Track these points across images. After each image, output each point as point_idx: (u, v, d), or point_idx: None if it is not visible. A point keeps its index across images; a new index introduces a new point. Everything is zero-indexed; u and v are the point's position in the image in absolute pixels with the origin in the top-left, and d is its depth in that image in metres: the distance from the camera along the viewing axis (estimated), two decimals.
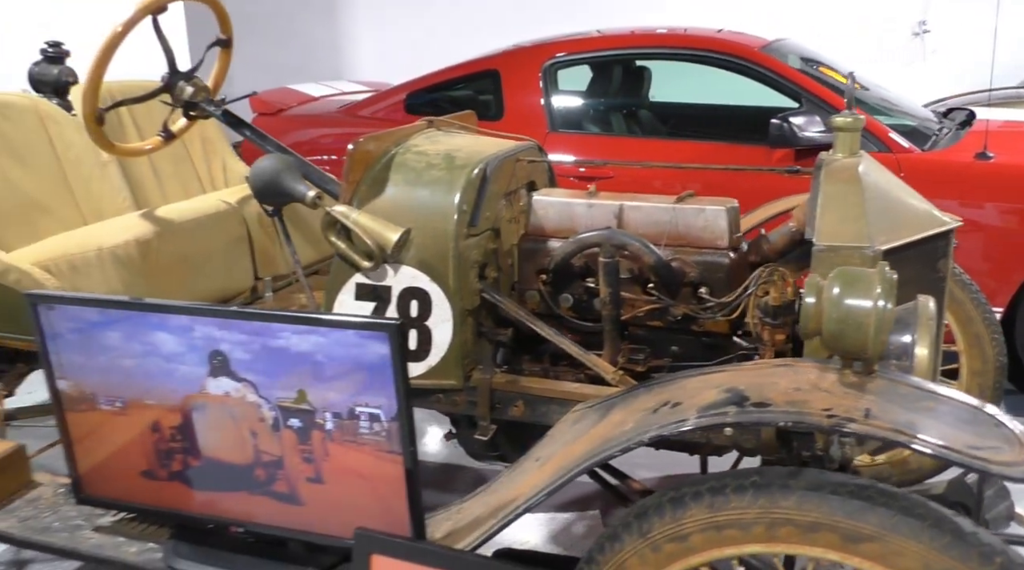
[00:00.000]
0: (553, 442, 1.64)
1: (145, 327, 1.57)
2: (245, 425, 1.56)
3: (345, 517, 1.56)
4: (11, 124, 2.32)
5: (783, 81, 3.83)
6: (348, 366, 1.45)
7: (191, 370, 1.55)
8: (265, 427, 1.55)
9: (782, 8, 7.20)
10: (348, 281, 1.91)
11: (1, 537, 1.82)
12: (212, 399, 1.56)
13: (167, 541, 1.73)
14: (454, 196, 1.87)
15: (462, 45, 7.51)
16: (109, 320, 1.60)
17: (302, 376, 1.49)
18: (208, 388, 1.55)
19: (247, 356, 1.51)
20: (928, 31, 7.71)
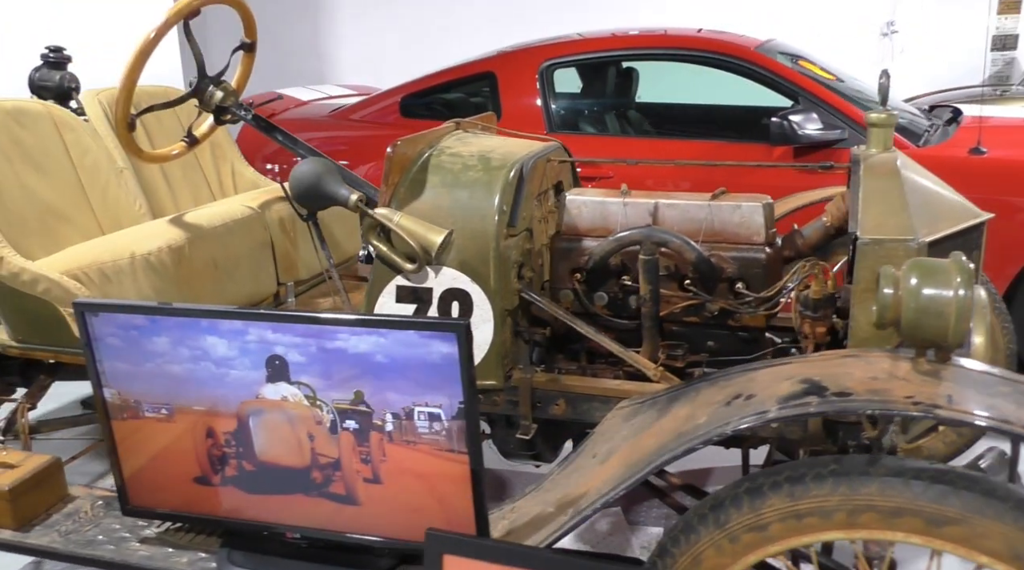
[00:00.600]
0: (608, 438, 1.65)
1: (195, 333, 1.55)
2: (303, 429, 1.55)
3: (405, 519, 1.56)
4: (27, 131, 2.28)
5: (780, 80, 3.88)
6: (408, 366, 1.45)
7: (246, 375, 1.54)
8: (323, 430, 1.54)
9: (752, 8, 7.29)
10: (389, 283, 1.90)
11: (45, 553, 1.78)
12: (268, 404, 1.55)
13: (219, 550, 1.72)
14: (494, 197, 1.87)
15: (444, 49, 7.53)
16: (157, 327, 1.58)
17: (360, 377, 1.49)
18: (264, 393, 1.54)
19: (303, 359, 1.50)
20: (896, 31, 7.88)
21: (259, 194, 2.50)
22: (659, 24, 5.05)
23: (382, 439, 1.52)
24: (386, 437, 1.52)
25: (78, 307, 1.62)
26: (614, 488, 1.34)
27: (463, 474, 1.49)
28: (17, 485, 1.82)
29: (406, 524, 1.57)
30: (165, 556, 1.74)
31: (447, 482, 1.51)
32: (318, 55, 7.58)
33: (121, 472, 1.72)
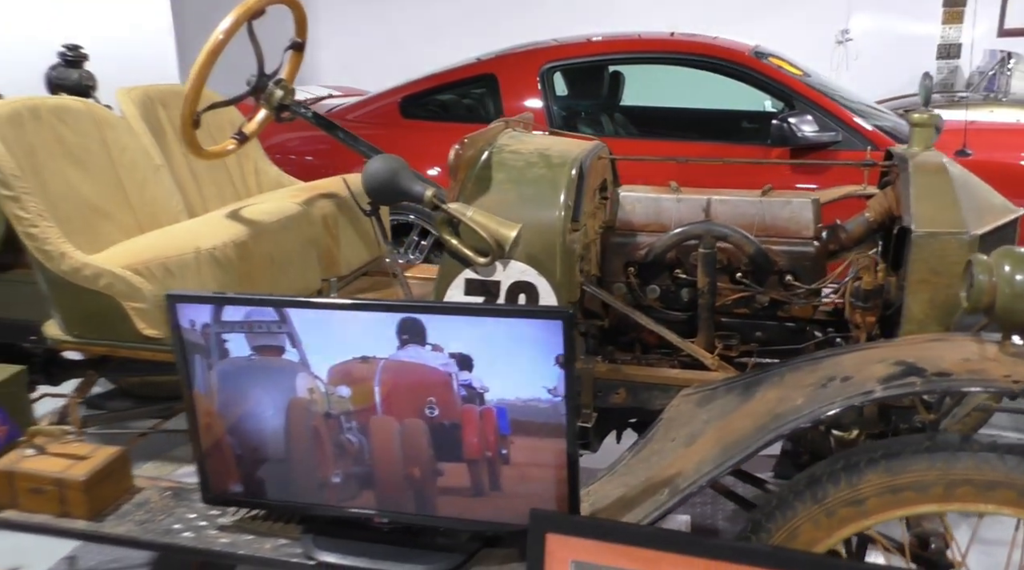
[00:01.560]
0: (683, 423, 1.73)
1: (292, 325, 1.58)
2: (408, 424, 1.59)
3: (495, 501, 1.61)
4: (69, 129, 2.28)
5: (776, 84, 4.03)
6: (513, 353, 1.50)
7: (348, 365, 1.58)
8: (425, 422, 1.59)
9: (707, 13, 7.47)
10: (457, 277, 1.96)
11: (123, 541, 1.80)
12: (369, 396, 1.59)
13: (302, 535, 1.75)
14: (559, 193, 1.94)
15: (423, 51, 7.57)
16: (245, 317, 1.61)
17: (465, 364, 1.53)
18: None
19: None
20: (851, 39, 8.17)
21: (301, 191, 2.53)
22: (612, 26, 5.20)
23: (484, 423, 1.56)
24: (488, 422, 1.56)
25: (171, 299, 1.64)
26: (717, 467, 1.41)
27: (559, 458, 1.55)
28: (91, 476, 1.83)
29: (496, 507, 1.62)
30: (247, 543, 1.76)
31: (542, 466, 1.57)
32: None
33: (204, 460, 1.74)
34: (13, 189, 2.00)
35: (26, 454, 1.89)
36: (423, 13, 7.70)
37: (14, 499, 1.86)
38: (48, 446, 1.92)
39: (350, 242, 2.57)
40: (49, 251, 2.01)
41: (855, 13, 8.22)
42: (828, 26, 8.29)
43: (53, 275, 2.03)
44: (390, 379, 1.51)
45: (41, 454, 1.90)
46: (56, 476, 1.82)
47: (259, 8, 2.09)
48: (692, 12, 7.49)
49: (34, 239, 2.01)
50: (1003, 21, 8.39)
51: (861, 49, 8.24)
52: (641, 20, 6.61)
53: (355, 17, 7.49)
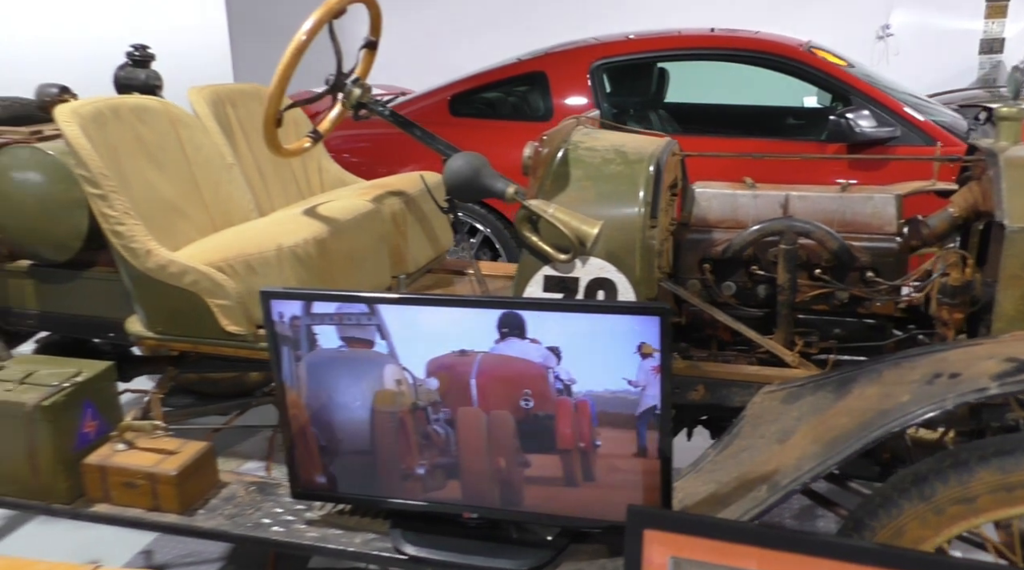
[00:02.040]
0: (772, 420, 1.72)
1: (381, 317, 1.60)
2: (499, 416, 1.60)
3: (587, 497, 1.61)
4: (147, 128, 2.31)
5: (831, 79, 3.99)
6: (609, 348, 1.51)
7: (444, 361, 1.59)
8: (519, 414, 1.59)
9: (747, 9, 7.41)
10: (537, 273, 1.96)
11: (215, 535, 1.83)
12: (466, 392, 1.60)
13: (391, 530, 1.77)
14: (639, 189, 1.94)
15: (460, 48, 7.60)
16: (338, 314, 1.63)
17: (561, 358, 1.54)
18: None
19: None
20: (891, 34, 8.08)
21: (370, 188, 2.55)
22: (649, 23, 5.19)
23: (579, 415, 1.57)
24: (583, 414, 1.57)
25: (265, 295, 1.67)
26: (821, 463, 1.41)
27: (652, 454, 1.55)
28: (182, 470, 1.86)
29: (585, 501, 1.62)
30: (336, 537, 1.79)
31: (639, 462, 1.57)
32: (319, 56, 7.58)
33: (293, 453, 1.77)
34: (101, 187, 2.04)
35: (117, 448, 1.93)
36: (460, 11, 7.72)
37: (106, 493, 1.90)
38: (137, 441, 1.95)
39: (417, 239, 2.59)
40: (135, 249, 2.04)
41: (896, 8, 8.13)
42: (868, 21, 8.21)
43: (138, 272, 2.06)
44: (487, 372, 1.52)
45: (131, 449, 1.93)
46: (148, 470, 1.85)
47: (340, 8, 2.12)
48: (730, 8, 7.45)
49: (120, 237, 2.04)
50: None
51: (902, 44, 8.15)
52: (680, 17, 6.60)
53: (393, 16, 7.51)
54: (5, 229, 2.26)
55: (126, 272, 2.10)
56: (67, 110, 2.09)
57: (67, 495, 1.90)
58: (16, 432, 1.85)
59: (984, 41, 8.09)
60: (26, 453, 1.85)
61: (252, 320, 2.08)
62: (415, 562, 1.71)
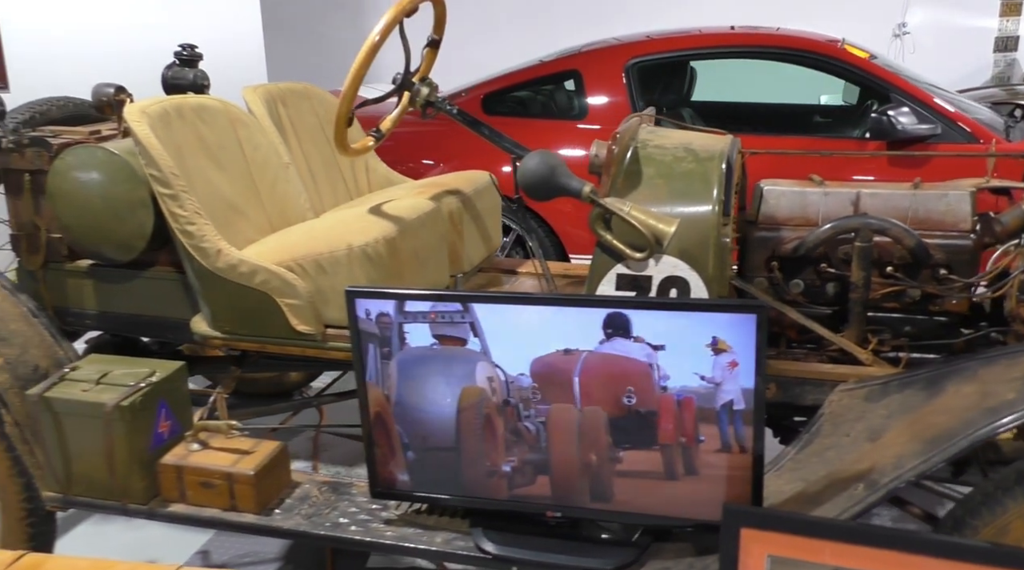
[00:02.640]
0: (856, 418, 1.72)
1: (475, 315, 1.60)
2: (600, 417, 1.60)
3: (685, 495, 1.60)
4: (208, 127, 2.31)
5: (870, 77, 3.98)
6: (701, 346, 1.50)
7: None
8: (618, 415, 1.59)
9: (764, 6, 7.39)
10: (609, 272, 1.96)
11: (296, 535, 1.82)
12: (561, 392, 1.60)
13: (472, 529, 1.76)
14: (712, 187, 1.93)
15: (486, 49, 7.59)
16: (422, 313, 1.63)
17: (655, 357, 1.54)
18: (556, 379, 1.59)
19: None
20: (908, 32, 8.07)
21: (426, 187, 2.54)
22: (666, 23, 5.20)
23: (683, 412, 1.56)
24: (687, 410, 1.56)
25: (350, 294, 1.67)
26: (925, 461, 1.40)
27: (745, 453, 1.55)
28: (260, 470, 1.86)
29: (678, 501, 1.61)
30: (416, 536, 1.78)
31: (726, 460, 1.56)
32: (344, 53, 7.60)
33: (373, 452, 1.76)
34: (172, 187, 2.04)
35: (191, 448, 1.93)
36: (475, 12, 7.73)
37: (182, 493, 1.90)
38: (211, 441, 1.95)
39: (472, 239, 2.58)
40: (206, 248, 2.04)
41: (912, 6, 8.12)
42: (885, 19, 8.19)
43: (207, 272, 2.06)
44: (591, 370, 1.52)
45: (206, 448, 1.93)
46: (226, 470, 1.85)
47: (412, 7, 2.12)
48: (745, 6, 7.43)
49: (191, 236, 2.04)
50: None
51: (918, 42, 8.14)
52: (693, 15, 6.60)
53: (417, 15, 7.53)
54: (69, 229, 2.26)
55: (194, 272, 2.10)
56: (136, 110, 2.09)
57: (143, 495, 1.90)
58: (94, 432, 1.85)
59: (999, 39, 8.09)
60: (104, 453, 1.85)
61: (321, 319, 2.08)
62: (499, 561, 1.70)
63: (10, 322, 2.03)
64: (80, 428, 1.86)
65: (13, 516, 2.00)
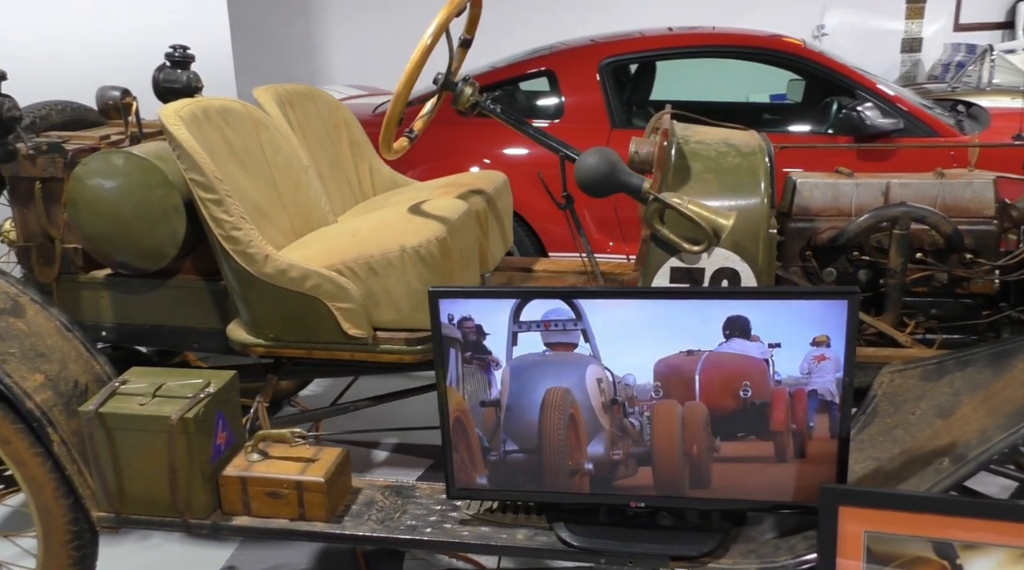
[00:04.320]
0: (916, 396, 1.80)
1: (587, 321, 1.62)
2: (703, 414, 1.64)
3: (763, 479, 1.65)
4: (233, 130, 2.26)
5: (836, 75, 4.14)
6: (796, 332, 1.55)
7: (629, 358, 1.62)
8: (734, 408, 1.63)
9: (686, 8, 7.61)
10: (664, 265, 2.00)
11: (372, 540, 1.80)
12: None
13: (555, 523, 1.77)
14: (760, 180, 1.99)
15: (437, 51, 7.57)
16: (508, 311, 1.63)
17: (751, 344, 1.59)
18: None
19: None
20: (826, 34, 8.43)
21: (448, 187, 2.53)
22: (609, 23, 5.32)
23: (795, 403, 1.60)
24: (799, 402, 1.60)
25: (433, 294, 1.65)
26: (1012, 432, 1.48)
27: (832, 436, 1.60)
28: (330, 477, 1.82)
29: (770, 486, 1.65)
30: (495, 534, 1.78)
31: (816, 445, 1.61)
32: (311, 55, 7.48)
33: (450, 454, 1.75)
34: (216, 192, 1.98)
35: (252, 459, 1.88)
36: (430, 15, 7.71)
37: (246, 505, 1.85)
38: (269, 450, 1.91)
39: (494, 237, 2.59)
40: (252, 254, 1.99)
41: (830, 8, 8.48)
42: (805, 21, 8.52)
43: (252, 278, 2.01)
44: (712, 368, 1.57)
45: (267, 459, 1.89)
46: (295, 479, 1.81)
47: (461, 6, 2.11)
48: (675, 7, 7.61)
49: (236, 242, 1.99)
50: (958, 16, 8.80)
51: (835, 43, 8.50)
52: (620, 15, 6.74)
53: (366, 19, 7.47)
54: (92, 238, 2.17)
55: (236, 278, 2.05)
56: (171, 113, 2.03)
57: (204, 510, 1.84)
58: (156, 447, 1.78)
59: (905, 40, 8.53)
60: (166, 468, 1.79)
61: (371, 323, 2.05)
62: (588, 553, 1.72)
63: (46, 337, 1.94)
64: (139, 443, 1.79)
65: (58, 540, 1.91)
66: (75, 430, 1.86)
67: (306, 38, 7.30)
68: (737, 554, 1.68)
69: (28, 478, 1.87)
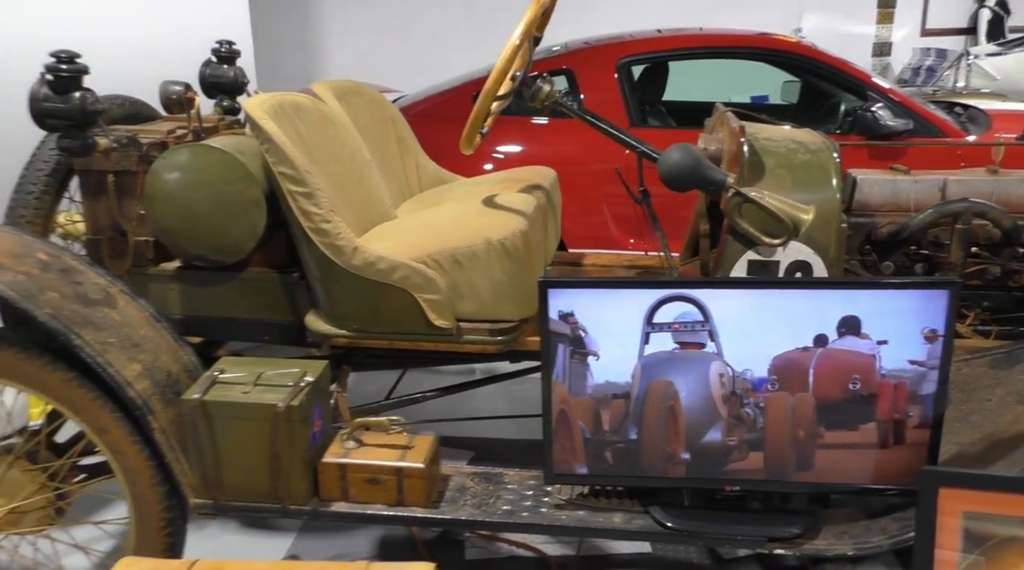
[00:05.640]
0: (989, 384, 1.90)
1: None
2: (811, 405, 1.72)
3: (865, 464, 1.73)
4: (304, 125, 2.28)
5: (848, 79, 4.26)
6: (898, 321, 1.64)
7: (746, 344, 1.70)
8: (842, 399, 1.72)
9: (674, 9, 7.74)
10: (741, 258, 2.07)
11: (471, 525, 1.85)
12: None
13: (651, 506, 1.83)
14: (832, 175, 2.07)
15: (429, 47, 7.60)
16: (620, 299, 1.70)
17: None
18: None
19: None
20: (804, 36, 8.63)
21: (507, 182, 2.58)
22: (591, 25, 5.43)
23: (897, 394, 1.69)
24: (901, 392, 1.69)
25: (543, 285, 1.71)
26: None
27: (926, 423, 1.69)
28: (428, 463, 1.87)
29: (861, 469, 1.74)
30: (593, 517, 1.84)
31: (914, 432, 1.70)
32: (305, 53, 7.46)
33: (551, 442, 1.81)
34: (307, 185, 2.01)
35: (347, 446, 1.92)
36: (425, 13, 7.73)
37: (344, 491, 1.89)
38: (364, 438, 1.94)
39: (551, 231, 2.64)
40: (341, 246, 2.03)
41: (807, 12, 8.68)
42: (783, 24, 8.70)
43: (338, 270, 2.04)
44: (825, 363, 1.65)
45: (362, 446, 1.92)
46: (395, 465, 1.85)
47: (547, 5, 2.16)
48: (654, 11, 7.72)
49: (325, 234, 2.02)
50: (925, 22, 9.07)
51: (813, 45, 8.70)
52: (597, 18, 6.84)
53: (362, 16, 7.46)
54: (169, 231, 2.18)
55: (322, 270, 2.08)
56: (258, 106, 2.05)
57: (303, 496, 1.88)
58: (260, 434, 1.81)
59: (876, 44, 8.77)
60: (267, 455, 1.82)
61: (455, 314, 2.09)
62: (690, 536, 1.78)
63: (138, 327, 1.95)
64: (241, 431, 1.82)
65: (151, 527, 1.93)
66: (171, 418, 1.88)
67: (301, 35, 7.28)
68: (830, 535, 1.76)
69: (125, 466, 1.89)
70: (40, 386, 1.85)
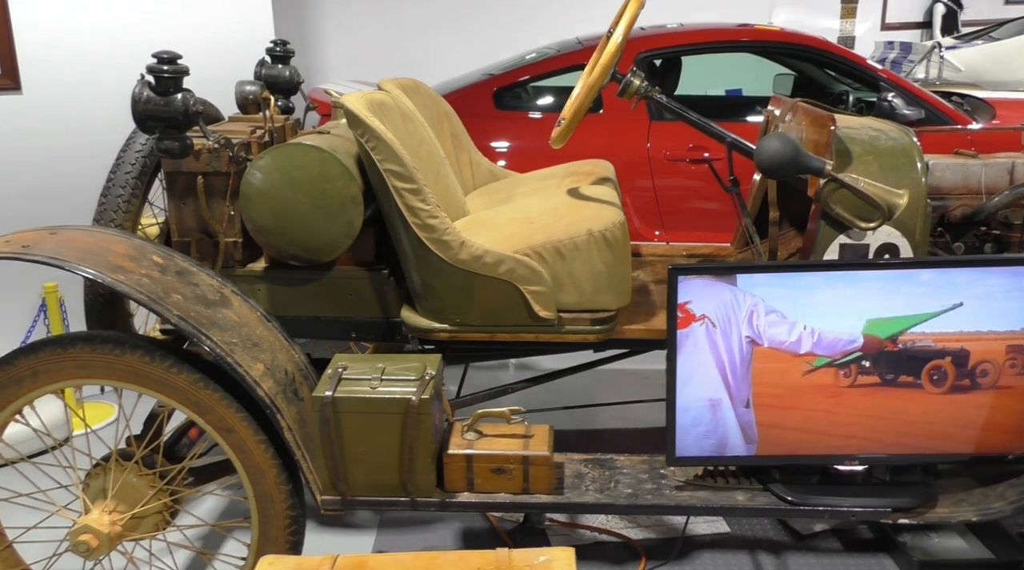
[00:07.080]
0: None
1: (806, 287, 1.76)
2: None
3: (976, 435, 1.81)
4: (389, 122, 2.30)
5: (861, 70, 4.38)
6: (1007, 299, 1.72)
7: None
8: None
9: (647, 6, 7.85)
10: (832, 242, 2.14)
11: (601, 509, 1.89)
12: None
13: (773, 485, 1.89)
14: (916, 160, 2.15)
15: (428, 44, 7.60)
16: (758, 285, 1.76)
17: None
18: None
19: None
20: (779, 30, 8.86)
21: (580, 176, 2.62)
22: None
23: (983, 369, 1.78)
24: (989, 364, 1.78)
25: (673, 272, 1.75)
26: None
27: None
28: (552, 451, 1.90)
29: (974, 438, 1.82)
30: (716, 496, 1.89)
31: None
32: (304, 50, 7.40)
33: (674, 425, 1.86)
34: (415, 181, 2.03)
35: (470, 437, 1.94)
36: (420, 9, 7.74)
37: (470, 482, 1.91)
38: (483, 428, 1.97)
39: None
40: (448, 241, 2.05)
41: (776, 8, 8.88)
42: (755, 19, 8.87)
43: (444, 265, 2.07)
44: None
45: (483, 436, 1.95)
46: (522, 454, 1.89)
47: (644, 2, 2.21)
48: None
49: (432, 230, 2.05)
50: (885, 16, 9.35)
51: None
52: (578, 16, 6.93)
53: (358, 13, 7.45)
54: (264, 231, 2.18)
55: (427, 266, 2.10)
56: (360, 104, 2.07)
57: (430, 488, 1.90)
58: (390, 429, 1.83)
59: (840, 39, 9.01)
60: (397, 449, 1.84)
61: (557, 305, 2.13)
62: (816, 512, 1.84)
63: (254, 327, 1.96)
64: (370, 426, 1.84)
65: (276, 525, 1.93)
66: (294, 416, 1.89)
67: (300, 32, 7.23)
68: (949, 503, 1.83)
69: (250, 466, 1.89)
70: (165, 389, 1.85)
